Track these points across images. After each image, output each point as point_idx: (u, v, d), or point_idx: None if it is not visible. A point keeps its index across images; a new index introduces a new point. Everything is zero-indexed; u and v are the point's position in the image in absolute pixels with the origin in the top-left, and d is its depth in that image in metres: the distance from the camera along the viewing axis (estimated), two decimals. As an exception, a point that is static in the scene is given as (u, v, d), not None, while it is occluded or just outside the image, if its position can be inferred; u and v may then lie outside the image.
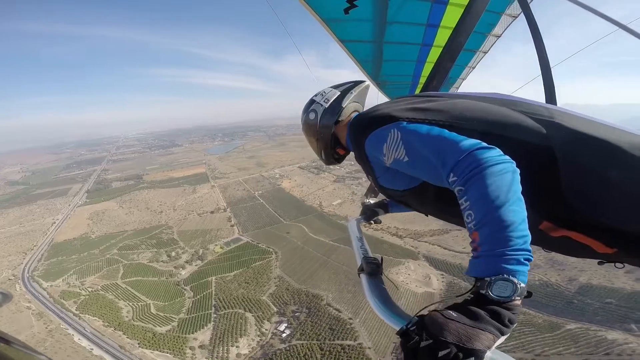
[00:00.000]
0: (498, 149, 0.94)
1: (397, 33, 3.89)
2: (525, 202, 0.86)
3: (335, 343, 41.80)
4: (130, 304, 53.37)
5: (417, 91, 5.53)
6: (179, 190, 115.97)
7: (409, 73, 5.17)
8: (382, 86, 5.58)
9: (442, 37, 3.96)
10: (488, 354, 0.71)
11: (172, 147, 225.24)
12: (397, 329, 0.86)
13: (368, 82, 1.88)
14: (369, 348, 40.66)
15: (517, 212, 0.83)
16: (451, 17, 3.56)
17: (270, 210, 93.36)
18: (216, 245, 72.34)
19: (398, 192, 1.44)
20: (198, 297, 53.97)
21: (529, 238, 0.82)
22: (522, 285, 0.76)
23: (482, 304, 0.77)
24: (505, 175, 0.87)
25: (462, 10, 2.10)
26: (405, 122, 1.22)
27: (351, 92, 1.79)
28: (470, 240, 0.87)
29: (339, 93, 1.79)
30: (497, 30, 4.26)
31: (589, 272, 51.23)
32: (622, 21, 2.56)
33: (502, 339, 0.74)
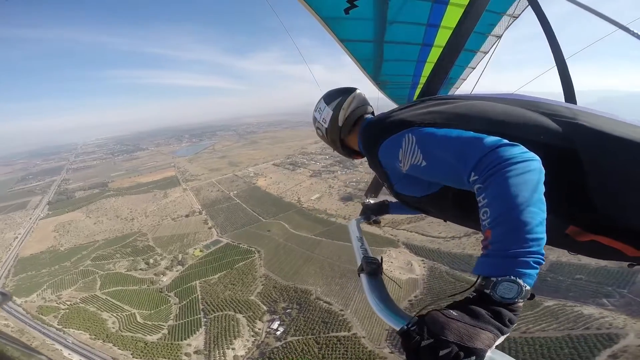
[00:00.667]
0: (522, 146, 0.91)
1: (398, 33, 3.89)
2: (550, 206, 0.83)
3: (331, 335, 42.70)
4: (115, 314, 51.76)
5: (417, 91, 5.85)
6: (149, 195, 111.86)
7: (410, 73, 5.16)
8: (382, 86, 5.55)
9: (442, 37, 3.96)
10: (488, 353, 0.71)
11: (136, 151, 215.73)
12: (398, 328, 0.86)
13: (357, 90, 1.88)
14: (364, 337, 41.92)
15: (535, 213, 0.80)
16: (451, 17, 3.58)
17: (248, 209, 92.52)
18: (195, 249, 71.03)
19: (416, 198, 1.42)
20: (184, 302, 53.06)
21: (544, 241, 0.80)
22: (528, 288, 0.75)
23: (484, 304, 0.76)
24: (528, 173, 0.84)
25: (463, 10, 2.11)
26: (419, 127, 1.22)
27: (342, 108, 1.77)
28: (483, 237, 0.85)
29: (332, 112, 1.79)
30: (497, 30, 4.23)
31: (557, 250, 54.35)
32: (621, 21, 2.58)
33: (502, 338, 0.74)
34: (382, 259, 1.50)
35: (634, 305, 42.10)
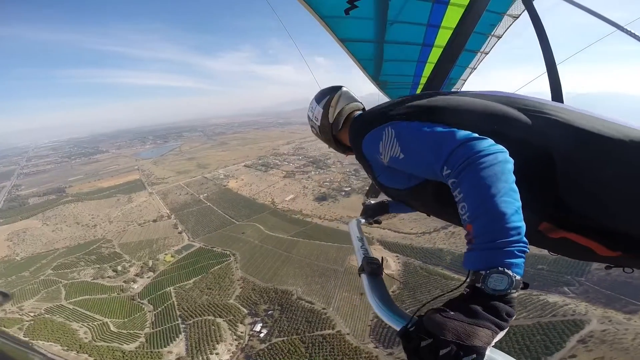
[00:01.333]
0: (490, 139, 0.94)
1: (398, 33, 3.90)
2: (523, 202, 0.84)
3: (316, 334, 43.13)
4: (85, 324, 49.18)
5: (418, 91, 5.68)
6: (112, 200, 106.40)
7: (410, 73, 5.23)
8: (382, 86, 5.60)
9: (442, 37, 3.99)
10: (488, 352, 0.71)
11: (95, 154, 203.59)
12: (398, 329, 0.87)
13: (342, 87, 1.92)
14: (348, 334, 42.78)
15: (509, 202, 0.81)
16: (452, 18, 3.59)
17: (220, 212, 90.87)
18: (166, 254, 68.78)
19: (399, 191, 1.46)
20: (159, 309, 51.36)
21: (524, 229, 0.81)
22: (518, 277, 0.76)
23: (479, 298, 0.77)
24: (497, 165, 0.86)
25: (463, 10, 2.13)
26: (398, 120, 1.27)
27: (331, 106, 1.83)
28: (466, 232, 0.86)
29: (322, 110, 1.85)
30: (498, 31, 4.28)
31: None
32: (621, 22, 2.61)
33: (502, 333, 0.74)
34: (382, 260, 1.50)
35: (591, 293, 46.18)
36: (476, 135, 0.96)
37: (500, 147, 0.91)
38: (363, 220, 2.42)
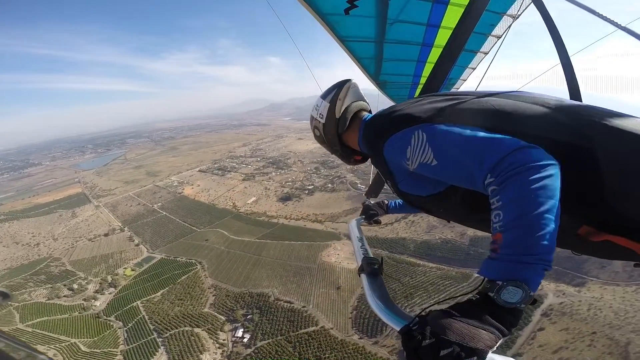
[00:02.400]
0: (542, 149, 0.89)
1: (398, 33, 3.90)
2: (564, 206, 0.82)
3: (300, 333, 43.83)
4: (53, 346, 45.77)
5: (418, 92, 5.86)
6: (54, 217, 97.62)
7: (410, 73, 5.22)
8: (382, 86, 5.61)
9: (442, 37, 3.99)
10: (489, 356, 0.72)
11: (26, 167, 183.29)
12: (398, 328, 0.88)
13: (351, 80, 1.83)
14: (332, 328, 44.07)
15: (549, 220, 0.78)
16: (451, 17, 3.59)
17: (178, 221, 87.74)
18: (125, 268, 65.60)
19: (420, 198, 1.39)
20: (130, 325, 49.11)
21: (554, 249, 0.79)
22: (532, 293, 0.76)
23: (487, 306, 0.77)
24: (547, 179, 0.82)
25: (463, 10, 2.13)
26: (430, 123, 1.18)
27: (339, 100, 1.72)
28: (492, 240, 0.86)
29: (329, 104, 1.73)
30: (497, 31, 4.25)
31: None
32: (621, 22, 2.58)
33: (502, 340, 0.75)
34: (382, 260, 1.46)
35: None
36: (526, 143, 0.90)
37: (552, 159, 0.86)
38: (363, 220, 2.42)
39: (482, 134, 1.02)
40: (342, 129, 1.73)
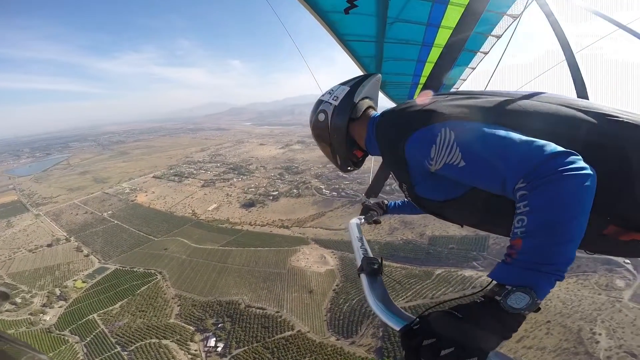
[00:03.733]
0: (579, 155, 0.85)
1: (398, 32, 3.91)
2: (594, 205, 0.80)
3: (277, 338, 43.70)
4: None
5: (418, 91, 5.97)
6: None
7: (410, 72, 5.25)
8: (382, 85, 5.74)
9: (442, 37, 4.01)
10: (490, 354, 0.74)
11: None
12: (397, 328, 0.90)
13: (379, 75, 1.77)
14: (308, 332, 44.52)
15: (577, 231, 0.77)
16: (451, 17, 3.59)
17: (132, 230, 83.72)
18: (75, 280, 61.43)
19: (437, 202, 1.33)
20: (89, 339, 46.14)
21: (573, 260, 0.78)
22: (539, 301, 0.75)
23: (491, 310, 0.77)
24: (581, 189, 0.79)
25: (463, 10, 2.13)
26: (459, 120, 1.12)
27: (363, 86, 1.64)
28: (509, 245, 0.84)
29: (349, 88, 1.63)
30: (497, 31, 4.26)
31: (430, 225, 68.17)
32: (622, 21, 2.52)
33: (503, 343, 0.76)
34: (382, 259, 1.43)
35: (494, 265, 56.46)
36: (563, 149, 0.86)
37: (589, 167, 0.82)
38: (362, 220, 2.41)
39: (516, 135, 0.97)
40: (356, 115, 1.61)
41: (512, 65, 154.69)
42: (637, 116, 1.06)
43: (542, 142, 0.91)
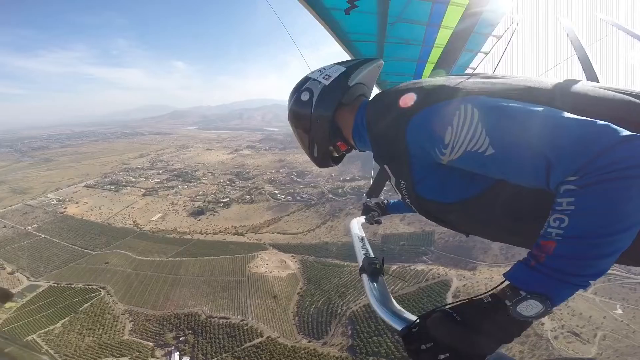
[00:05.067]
0: None
1: (398, 32, 3.90)
2: None
3: (246, 346, 43.59)
4: None
5: None
6: None
7: (410, 72, 5.29)
8: (382, 86, 5.61)
9: (443, 37, 3.97)
10: (489, 357, 0.72)
11: None
12: (399, 329, 0.87)
13: (381, 61, 1.50)
14: (278, 337, 45.02)
15: (624, 244, 0.63)
16: (452, 17, 3.56)
17: (64, 244, 77.32)
18: (2, 300, 54.20)
19: (443, 205, 1.06)
20: None
21: (607, 271, 0.68)
22: (550, 311, 0.67)
23: (495, 313, 0.71)
24: None
25: (463, 10, 2.13)
26: (483, 96, 0.88)
27: (361, 69, 1.37)
28: (537, 245, 0.70)
29: (345, 69, 1.36)
30: (498, 31, 4.21)
31: (382, 224, 72.85)
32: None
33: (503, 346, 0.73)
34: (383, 260, 1.39)
35: (442, 258, 62.73)
36: (630, 133, 0.64)
37: None
38: (363, 220, 2.37)
39: (567, 114, 0.73)
40: (348, 100, 1.34)
41: (511, 66, 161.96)
42: None
43: (602, 123, 0.67)
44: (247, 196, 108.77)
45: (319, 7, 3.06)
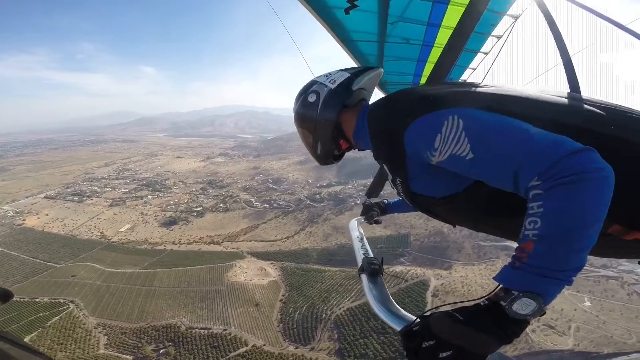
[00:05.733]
0: (597, 153, 0.78)
1: (398, 32, 3.92)
2: None
3: (232, 356, 43.12)
4: None
5: None
6: None
7: (410, 72, 5.33)
8: (383, 85, 5.74)
9: (443, 36, 4.00)
10: (490, 356, 0.74)
11: None
12: (398, 329, 0.90)
13: (382, 69, 1.69)
14: (264, 345, 44.86)
15: (593, 237, 0.73)
16: (452, 17, 3.61)
17: (24, 257, 73.64)
18: (-42, 316, 51.26)
19: (432, 199, 1.23)
20: None
21: (585, 265, 0.75)
22: (545, 307, 0.73)
23: (494, 314, 0.76)
24: (600, 192, 0.74)
25: (463, 10, 2.14)
26: (468, 107, 1.03)
27: (364, 76, 1.55)
28: (519, 247, 0.79)
29: (349, 75, 1.53)
30: (498, 31, 4.25)
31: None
32: (621, 21, 2.40)
33: (502, 346, 0.75)
34: (382, 260, 1.47)
35: (418, 259, 65.43)
36: (582, 145, 0.79)
37: (608, 166, 0.77)
38: (363, 220, 2.44)
39: (531, 127, 0.89)
40: (351, 103, 1.52)
41: (511, 66, 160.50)
42: (636, 111, 1.04)
43: (560, 136, 0.83)
44: (222, 205, 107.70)
45: (318, 6, 3.06)
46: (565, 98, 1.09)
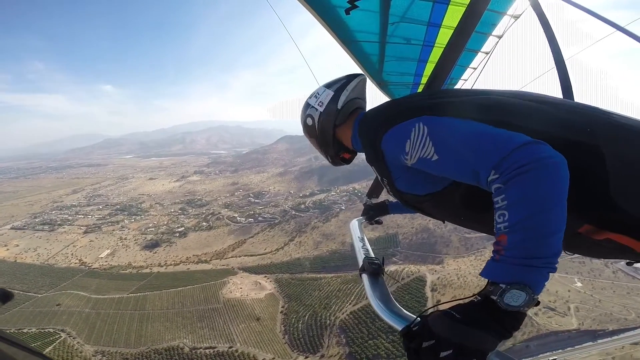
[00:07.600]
0: (548, 145, 0.87)
1: (399, 32, 3.99)
2: (569, 204, 0.81)
3: None
4: None
5: (419, 91, 5.41)
6: None
7: (411, 72, 5.38)
8: (383, 86, 5.74)
9: (443, 36, 4.09)
10: (490, 354, 0.76)
11: None
12: (399, 329, 0.92)
13: (364, 75, 1.82)
14: (273, 358, 45.64)
15: (559, 220, 0.78)
16: (452, 17, 3.69)
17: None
18: (-62, 356, 49.11)
19: (418, 197, 1.37)
20: None
21: (561, 250, 0.80)
22: (536, 296, 0.75)
23: (489, 309, 0.78)
24: (555, 177, 0.81)
25: (464, 9, 2.19)
26: (431, 115, 1.17)
27: (346, 90, 1.69)
28: (495, 241, 0.84)
29: (333, 93, 1.69)
30: (498, 30, 4.32)
31: (347, 235, 77.02)
32: (620, 23, 2.48)
33: (503, 342, 0.77)
34: (383, 260, 1.51)
35: (410, 257, 69.07)
36: (531, 138, 0.88)
37: (560, 155, 0.84)
38: (364, 220, 2.50)
39: (487, 127, 1.00)
40: (341, 121, 1.69)
41: (511, 66, 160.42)
42: (613, 115, 1.09)
43: (511, 132, 0.92)
44: (204, 223, 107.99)
45: (319, 6, 3.10)
46: (538, 103, 1.17)
